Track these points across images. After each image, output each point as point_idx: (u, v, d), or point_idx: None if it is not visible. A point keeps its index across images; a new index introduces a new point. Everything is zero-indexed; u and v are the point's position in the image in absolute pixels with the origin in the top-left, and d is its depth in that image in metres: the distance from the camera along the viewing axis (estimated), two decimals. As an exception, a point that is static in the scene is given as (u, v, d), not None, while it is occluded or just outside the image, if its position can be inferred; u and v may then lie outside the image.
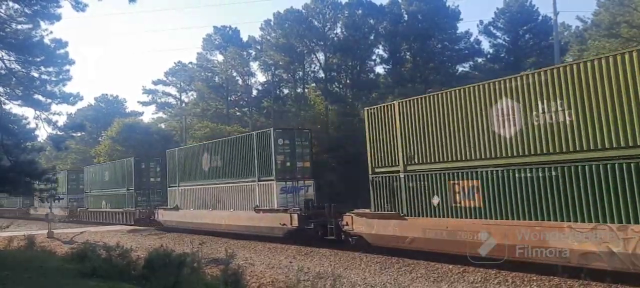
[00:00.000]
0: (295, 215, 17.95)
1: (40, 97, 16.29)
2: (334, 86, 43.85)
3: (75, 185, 41.79)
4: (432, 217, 13.17)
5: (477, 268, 11.67)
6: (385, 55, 41.89)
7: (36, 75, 16.27)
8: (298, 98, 43.85)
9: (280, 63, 44.04)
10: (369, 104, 39.86)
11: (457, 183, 12.57)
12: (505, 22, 39.96)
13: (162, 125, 58.44)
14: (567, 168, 10.32)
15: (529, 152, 11.03)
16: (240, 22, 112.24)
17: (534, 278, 10.51)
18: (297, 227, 17.75)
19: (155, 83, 60.96)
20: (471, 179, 12.24)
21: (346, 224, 16.02)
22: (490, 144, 11.88)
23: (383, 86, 40.63)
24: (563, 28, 41.20)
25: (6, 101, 16.11)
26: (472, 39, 40.98)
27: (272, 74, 45.82)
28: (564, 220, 10.31)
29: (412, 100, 14.14)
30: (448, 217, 12.72)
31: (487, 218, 11.78)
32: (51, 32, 18.26)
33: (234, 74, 47.77)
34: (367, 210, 15.54)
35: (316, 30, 42.48)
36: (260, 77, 48.48)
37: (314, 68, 44.57)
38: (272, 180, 19.65)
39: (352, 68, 42.54)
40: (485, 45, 43.97)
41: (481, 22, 41.44)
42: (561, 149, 10.47)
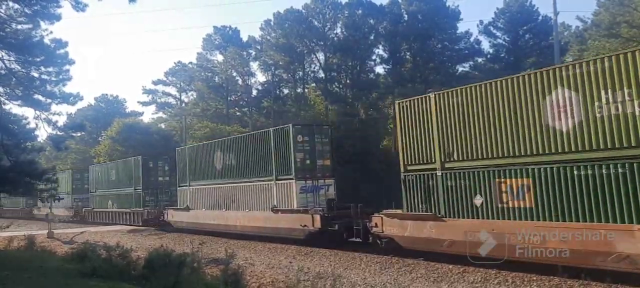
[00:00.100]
0: (317, 216, 16.98)
1: (40, 97, 16.32)
2: (334, 86, 43.87)
3: (80, 185, 40.57)
4: (474, 218, 12.12)
5: (477, 268, 11.65)
6: (385, 55, 41.94)
7: (36, 75, 16.30)
8: (298, 98, 43.87)
9: (280, 63, 44.05)
10: (369, 104, 40.29)
11: (504, 182, 11.56)
12: (505, 22, 39.99)
13: (162, 125, 58.48)
14: (637, 164, 9.40)
15: (590, 147, 10.03)
16: (240, 22, 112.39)
17: (534, 278, 10.50)
18: (320, 228, 16.81)
19: (155, 83, 61.07)
20: (521, 177, 11.21)
21: (375, 226, 14.93)
22: (544, 138, 10.82)
23: (383, 86, 40.66)
24: (563, 28, 41.24)
25: (6, 101, 16.16)
26: (472, 39, 41.09)
27: (272, 74, 45.85)
28: (633, 222, 9.37)
29: (451, 91, 13.00)
30: (493, 219, 11.66)
31: (539, 219, 10.77)
32: (51, 32, 18.31)
33: (234, 74, 47.80)
34: (399, 211, 14.47)
35: (316, 30, 42.51)
36: (260, 77, 48.53)
37: (314, 68, 44.63)
38: (291, 179, 18.69)
39: (352, 68, 42.56)
40: (485, 45, 44.03)
41: (481, 22, 41.55)
42: (629, 143, 9.52)
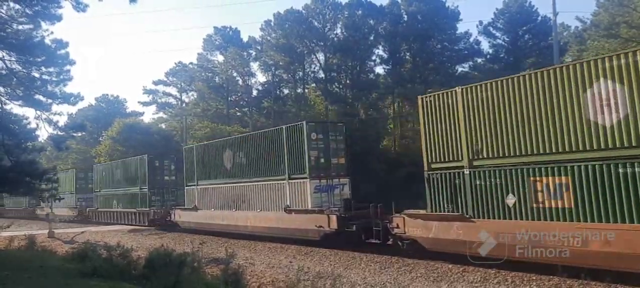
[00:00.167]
0: (333, 217, 16.35)
1: (41, 97, 16.34)
2: (334, 86, 43.89)
3: (83, 184, 39.85)
4: (506, 218, 11.52)
5: (476, 267, 11.69)
6: (385, 56, 41.96)
7: (37, 75, 16.33)
8: (298, 98, 43.89)
9: (281, 63, 44.07)
10: (369, 104, 40.30)
11: (540, 180, 10.88)
12: (504, 22, 40.01)
13: (163, 125, 58.53)
14: None
15: (637, 143, 9.52)
16: (241, 22, 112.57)
17: (534, 277, 10.52)
18: (336, 229, 16.21)
19: (155, 83, 61.08)
20: (558, 175, 10.56)
21: (396, 227, 14.32)
22: (584, 134, 10.25)
23: (383, 86, 40.71)
24: (562, 28, 41.34)
25: (7, 101, 16.18)
26: (471, 40, 41.10)
27: (272, 74, 45.86)
28: None
29: (480, 85, 12.38)
30: (528, 219, 11.05)
31: (580, 220, 10.18)
32: (52, 33, 18.34)
33: (234, 74, 47.82)
34: (423, 211, 13.87)
35: (316, 31, 42.53)
36: (261, 77, 48.57)
37: (314, 68, 44.64)
38: (305, 178, 18.13)
39: (352, 68, 42.58)
40: (485, 45, 44.11)
41: (481, 22, 41.66)
42: None
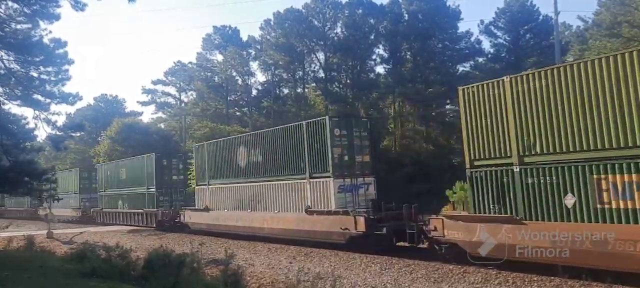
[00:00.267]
0: (361, 218, 15.30)
1: (39, 97, 16.27)
2: (334, 86, 43.87)
3: (87, 184, 38.48)
4: (563, 221, 10.49)
5: (477, 268, 11.62)
6: (386, 55, 41.96)
7: (35, 75, 16.24)
8: (298, 98, 43.86)
9: (280, 63, 44.05)
10: (369, 104, 40.26)
11: (605, 178, 9.91)
12: (505, 21, 39.99)
13: (162, 125, 58.54)
14: None
15: None
16: (240, 22, 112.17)
17: (535, 278, 10.46)
18: (364, 231, 15.16)
19: (154, 83, 61.16)
20: (628, 173, 9.61)
21: (434, 229, 13.29)
22: None
23: (383, 86, 40.67)
24: (564, 28, 41.28)
25: (5, 101, 16.12)
26: (472, 39, 41.15)
27: (272, 73, 45.85)
28: None
29: (532, 74, 11.45)
30: (591, 222, 10.03)
31: None
32: (50, 32, 18.22)
33: (234, 74, 47.80)
34: (464, 213, 13.02)
35: (316, 30, 42.49)
36: (260, 77, 48.55)
37: (314, 68, 44.66)
38: (328, 177, 17.00)
39: (352, 68, 42.56)
40: (486, 45, 44.08)
41: (482, 21, 41.52)
42: None
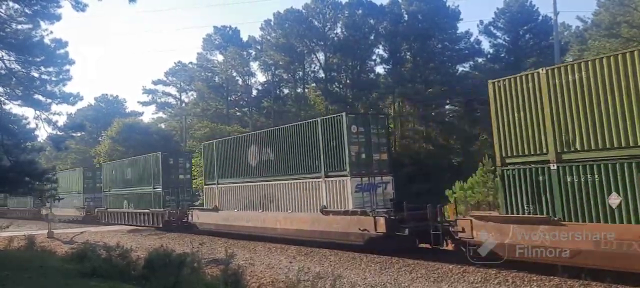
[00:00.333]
0: (381, 219, 14.61)
1: (40, 97, 16.28)
2: (334, 86, 43.90)
3: (91, 184, 37.93)
4: (608, 222, 9.87)
5: (477, 268, 11.65)
6: (386, 55, 41.95)
7: (36, 75, 16.25)
8: (298, 98, 43.89)
9: (280, 63, 44.07)
10: (369, 104, 40.27)
11: None
12: (505, 22, 39.98)
13: (162, 125, 58.60)
14: None
15: None
16: (241, 22, 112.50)
17: (534, 278, 10.48)
18: (385, 233, 14.50)
19: (155, 83, 61.25)
20: None
21: (462, 230, 12.55)
22: None
23: (383, 86, 40.68)
24: (563, 28, 41.30)
25: (6, 101, 16.12)
26: (472, 39, 41.08)
27: (272, 74, 45.87)
28: None
29: (570, 66, 10.77)
30: (639, 223, 9.43)
31: None
32: (51, 32, 18.21)
33: (234, 74, 47.84)
34: (494, 213, 12.42)
35: (316, 30, 42.52)
36: (260, 77, 48.58)
37: (314, 68, 44.68)
38: (345, 176, 16.40)
39: (352, 68, 42.58)
40: (486, 45, 44.01)
41: (481, 22, 41.51)
42: None
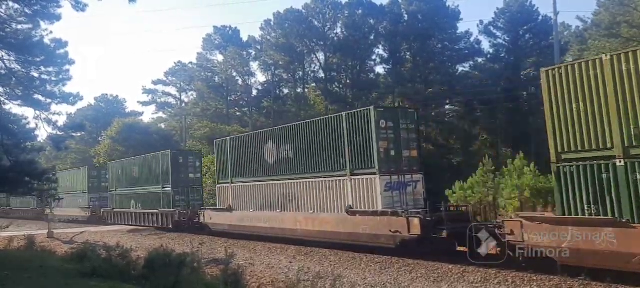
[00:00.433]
0: (415, 220, 13.62)
1: (40, 97, 16.28)
2: (334, 86, 43.95)
3: (97, 183, 36.90)
4: None
5: (477, 268, 11.64)
6: (386, 55, 42.01)
7: (36, 75, 16.25)
8: (298, 98, 43.94)
9: (280, 63, 44.11)
10: (369, 104, 39.99)
11: None
12: (505, 22, 39.99)
13: (162, 125, 58.65)
14: None
15: None
16: (241, 22, 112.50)
17: (534, 278, 10.47)
18: (419, 235, 13.54)
19: (155, 83, 61.29)
20: None
21: (510, 233, 11.55)
22: None
23: (383, 86, 40.73)
24: (563, 28, 41.28)
25: (6, 101, 16.11)
26: (472, 39, 41.17)
27: (272, 74, 45.92)
28: None
29: (638, 50, 9.75)
30: None
31: None
32: (51, 32, 18.24)
33: (234, 74, 47.87)
34: (549, 214, 11.53)
35: (316, 30, 42.56)
36: (260, 77, 48.66)
37: (314, 68, 44.75)
38: (373, 174, 15.45)
39: (352, 68, 42.62)
40: (486, 45, 44.10)
41: (481, 22, 41.61)
42: None
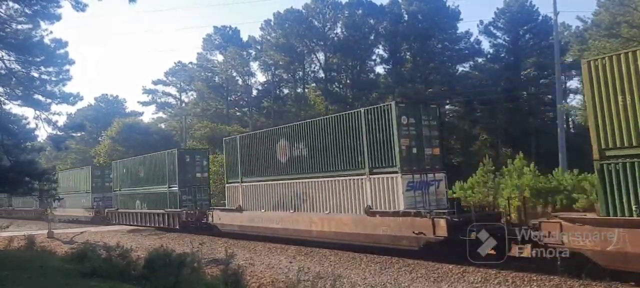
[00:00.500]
0: (441, 221, 12.92)
1: (40, 97, 16.25)
2: (334, 86, 43.97)
3: (100, 183, 36.48)
4: None
5: (477, 268, 11.63)
6: (386, 55, 42.02)
7: (36, 75, 16.22)
8: (298, 98, 43.94)
9: (280, 63, 44.12)
10: (369, 104, 39.91)
11: None
12: (505, 22, 39.98)
13: (162, 125, 58.65)
14: None
15: None
16: (241, 22, 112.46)
17: (534, 278, 10.47)
18: (446, 237, 12.80)
19: (155, 83, 61.25)
20: None
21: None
22: None
23: (383, 86, 40.74)
24: (563, 28, 41.16)
25: (6, 101, 16.09)
26: (472, 39, 41.17)
27: (272, 74, 45.93)
28: None
29: None
30: None
31: None
32: (51, 32, 18.12)
33: (234, 74, 47.88)
34: (591, 215, 10.80)
35: (316, 30, 42.56)
36: (260, 77, 48.65)
37: (314, 68, 44.76)
38: (394, 173, 14.66)
39: (352, 68, 42.63)
40: (486, 45, 43.98)
41: (481, 22, 41.55)
42: None
